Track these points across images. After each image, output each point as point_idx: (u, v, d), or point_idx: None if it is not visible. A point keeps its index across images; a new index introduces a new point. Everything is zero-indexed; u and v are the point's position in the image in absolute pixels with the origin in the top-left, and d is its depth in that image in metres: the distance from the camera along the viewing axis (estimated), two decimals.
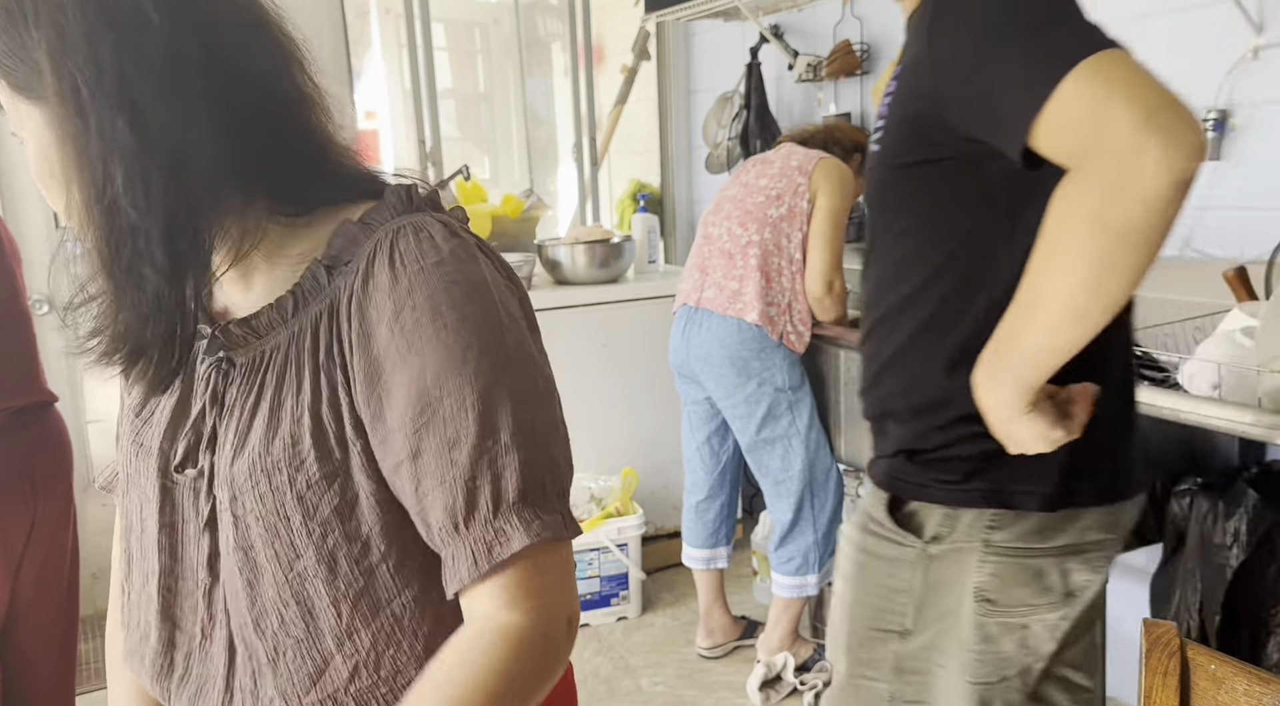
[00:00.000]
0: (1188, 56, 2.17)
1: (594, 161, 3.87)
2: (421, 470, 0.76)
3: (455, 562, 0.76)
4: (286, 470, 0.78)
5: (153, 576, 0.87)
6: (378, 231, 0.80)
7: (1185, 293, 2.15)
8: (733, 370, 2.47)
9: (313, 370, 0.79)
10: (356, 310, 0.77)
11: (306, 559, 0.79)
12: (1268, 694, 0.85)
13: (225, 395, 0.83)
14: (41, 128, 0.76)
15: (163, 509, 0.86)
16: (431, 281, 0.76)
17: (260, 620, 0.81)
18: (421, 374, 0.75)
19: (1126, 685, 2.45)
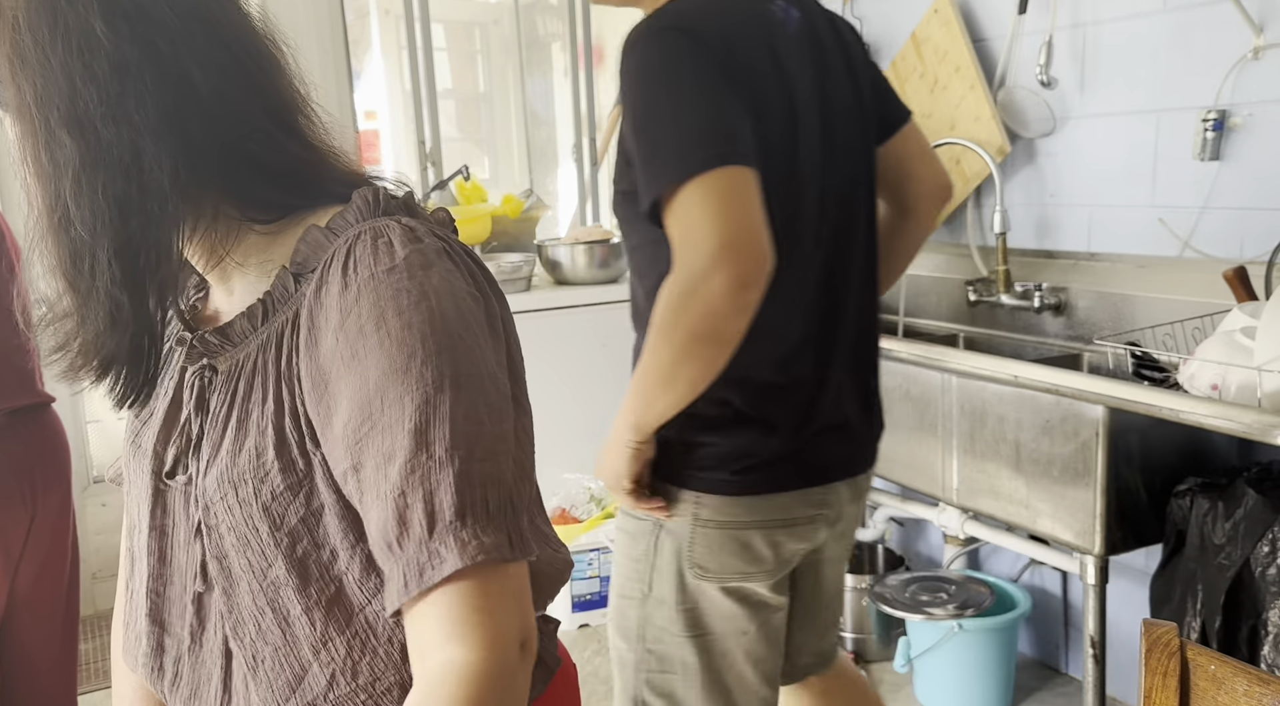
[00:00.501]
0: (1188, 56, 2.17)
1: (594, 161, 3.86)
2: (362, 483, 0.72)
3: (390, 582, 0.71)
4: (252, 481, 0.78)
5: (143, 579, 0.88)
6: (340, 237, 0.78)
7: (1185, 293, 2.15)
8: None
9: (275, 379, 0.78)
10: (308, 318, 0.76)
11: (278, 568, 0.79)
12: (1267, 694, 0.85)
13: (209, 402, 0.83)
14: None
15: (154, 512, 0.86)
16: (380, 289, 0.73)
17: (238, 628, 0.82)
18: (364, 383, 0.72)
19: (1126, 685, 2.45)
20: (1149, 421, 1.84)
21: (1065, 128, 2.46)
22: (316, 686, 0.80)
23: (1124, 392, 1.79)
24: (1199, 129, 2.13)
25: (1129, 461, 1.90)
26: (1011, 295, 2.50)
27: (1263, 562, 1.67)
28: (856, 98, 1.44)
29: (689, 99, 1.23)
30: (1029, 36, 2.49)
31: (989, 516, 2.18)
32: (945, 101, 2.69)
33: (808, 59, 1.36)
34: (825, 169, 1.38)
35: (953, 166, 2.71)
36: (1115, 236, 2.39)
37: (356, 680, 0.80)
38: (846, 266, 1.46)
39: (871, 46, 2.99)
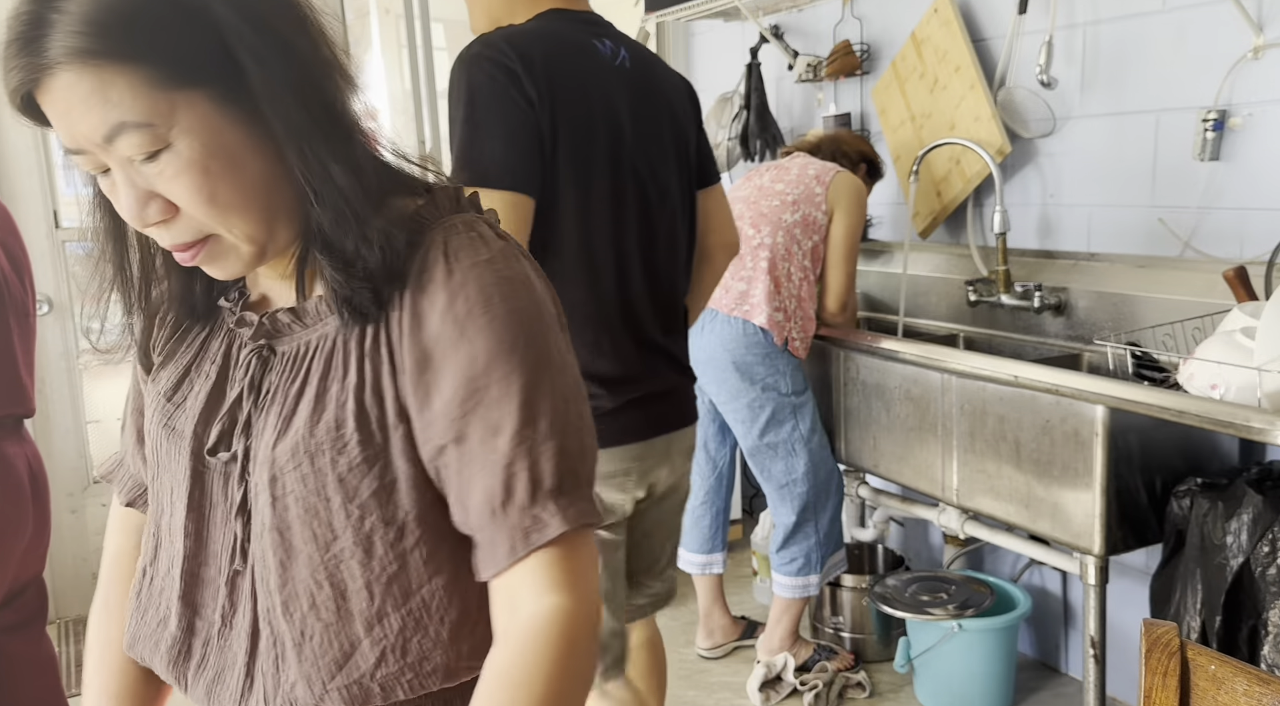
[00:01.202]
0: (1188, 56, 2.17)
1: None
2: (464, 455, 0.79)
3: (493, 547, 0.79)
4: (329, 452, 0.80)
5: (177, 561, 0.88)
6: (431, 227, 0.82)
7: (1185, 293, 2.15)
8: (736, 374, 2.47)
9: (358, 357, 0.81)
10: (409, 301, 0.79)
11: (344, 540, 0.81)
12: (1267, 694, 0.85)
13: (263, 382, 0.85)
14: (206, 113, 0.74)
15: (192, 493, 0.86)
16: (484, 276, 0.79)
17: (290, 602, 0.82)
18: (472, 361, 0.78)
19: (1127, 685, 2.45)
20: (1149, 421, 1.84)
21: (1065, 128, 2.46)
22: (364, 664, 0.81)
23: (1124, 392, 1.79)
24: (1199, 129, 2.13)
25: (1129, 461, 1.90)
26: (1011, 295, 2.50)
27: (1263, 562, 1.67)
28: (673, 135, 1.68)
29: (487, 127, 1.45)
30: (1029, 36, 2.49)
31: (989, 516, 2.18)
32: (945, 101, 2.69)
33: (623, 88, 1.60)
34: (628, 178, 1.60)
35: (953, 166, 2.71)
36: (1115, 236, 2.39)
37: (405, 658, 0.82)
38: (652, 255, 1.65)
39: (872, 47, 2.99)
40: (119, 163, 0.74)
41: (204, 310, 0.90)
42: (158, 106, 0.72)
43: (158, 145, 0.73)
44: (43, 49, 0.70)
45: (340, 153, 0.78)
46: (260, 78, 0.74)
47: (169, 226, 0.77)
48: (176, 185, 0.74)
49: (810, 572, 2.57)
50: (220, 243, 0.79)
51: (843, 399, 2.54)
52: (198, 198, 0.75)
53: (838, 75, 3.03)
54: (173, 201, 0.75)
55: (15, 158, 2.99)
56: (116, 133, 0.72)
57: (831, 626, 2.77)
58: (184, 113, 0.73)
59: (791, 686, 2.57)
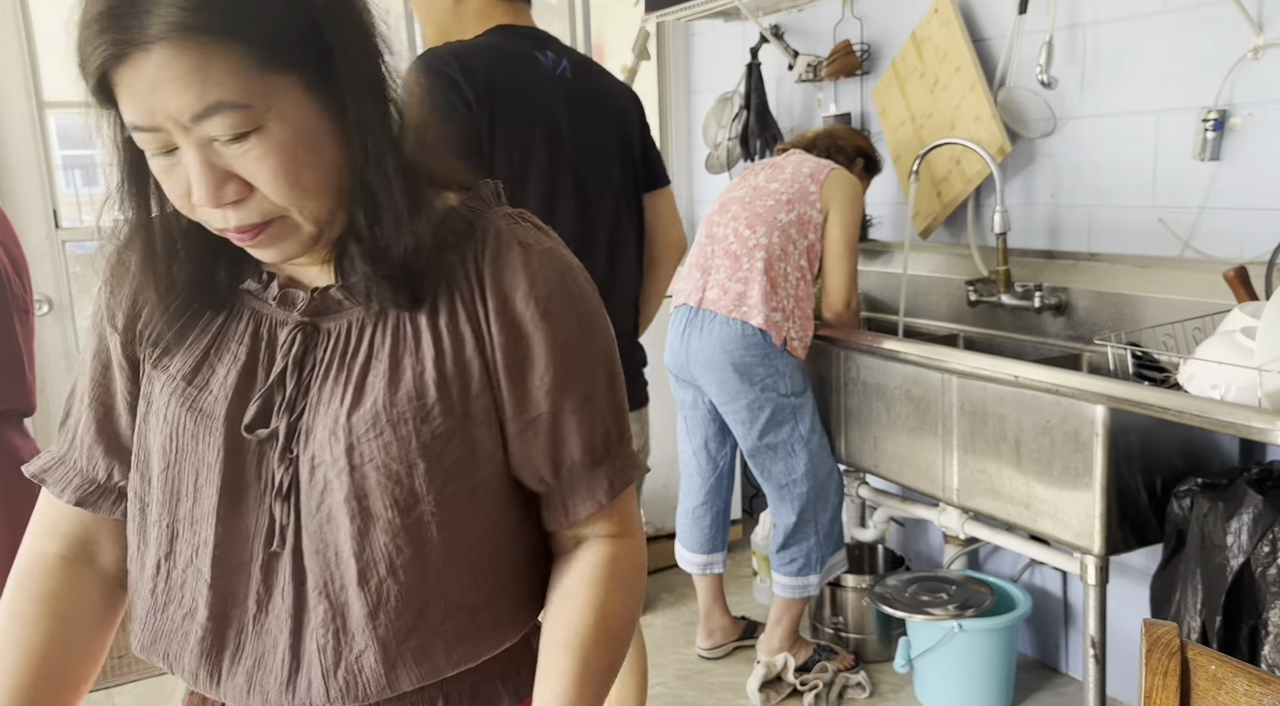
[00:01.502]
0: (1188, 56, 2.17)
1: None
2: (560, 419, 0.88)
3: (594, 490, 0.90)
4: (412, 421, 0.83)
5: (205, 549, 0.86)
6: (485, 217, 0.88)
7: (1185, 293, 2.15)
8: (736, 375, 2.47)
9: (432, 332, 0.84)
10: (491, 282, 0.85)
11: (426, 504, 0.84)
12: (1268, 694, 0.85)
13: (306, 359, 0.86)
14: (297, 99, 0.76)
15: (225, 474, 0.85)
16: (556, 261, 0.87)
17: (367, 570, 0.83)
18: (562, 338, 0.86)
19: (1127, 685, 2.45)
20: (1149, 421, 1.84)
21: (1065, 128, 2.46)
22: (434, 621, 0.86)
23: (1124, 392, 1.79)
24: (1199, 129, 2.13)
25: (1129, 461, 1.90)
26: (1012, 295, 2.50)
27: (1263, 562, 1.67)
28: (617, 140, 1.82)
29: None
30: (1029, 36, 2.49)
31: (989, 516, 2.18)
32: (945, 101, 2.69)
33: (564, 96, 1.75)
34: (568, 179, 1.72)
35: (953, 166, 2.71)
36: (1115, 236, 2.39)
37: (465, 613, 0.88)
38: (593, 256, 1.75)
39: (872, 47, 2.99)
40: (197, 142, 0.74)
41: (223, 295, 0.89)
42: (255, 88, 0.73)
43: (250, 126, 0.73)
44: (142, 23, 0.69)
45: (397, 149, 0.81)
46: (346, 67, 0.77)
47: (240, 207, 0.77)
48: (262, 166, 0.75)
49: (810, 573, 2.57)
50: (285, 224, 0.79)
51: (843, 399, 2.54)
52: (282, 180, 0.76)
53: (838, 75, 3.03)
54: (249, 182, 0.76)
55: (15, 157, 2.99)
56: (212, 112, 0.72)
57: (831, 626, 2.77)
58: (278, 95, 0.74)
59: (791, 686, 2.57)
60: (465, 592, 0.87)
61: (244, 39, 0.71)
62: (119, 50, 0.70)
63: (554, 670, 0.87)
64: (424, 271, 0.83)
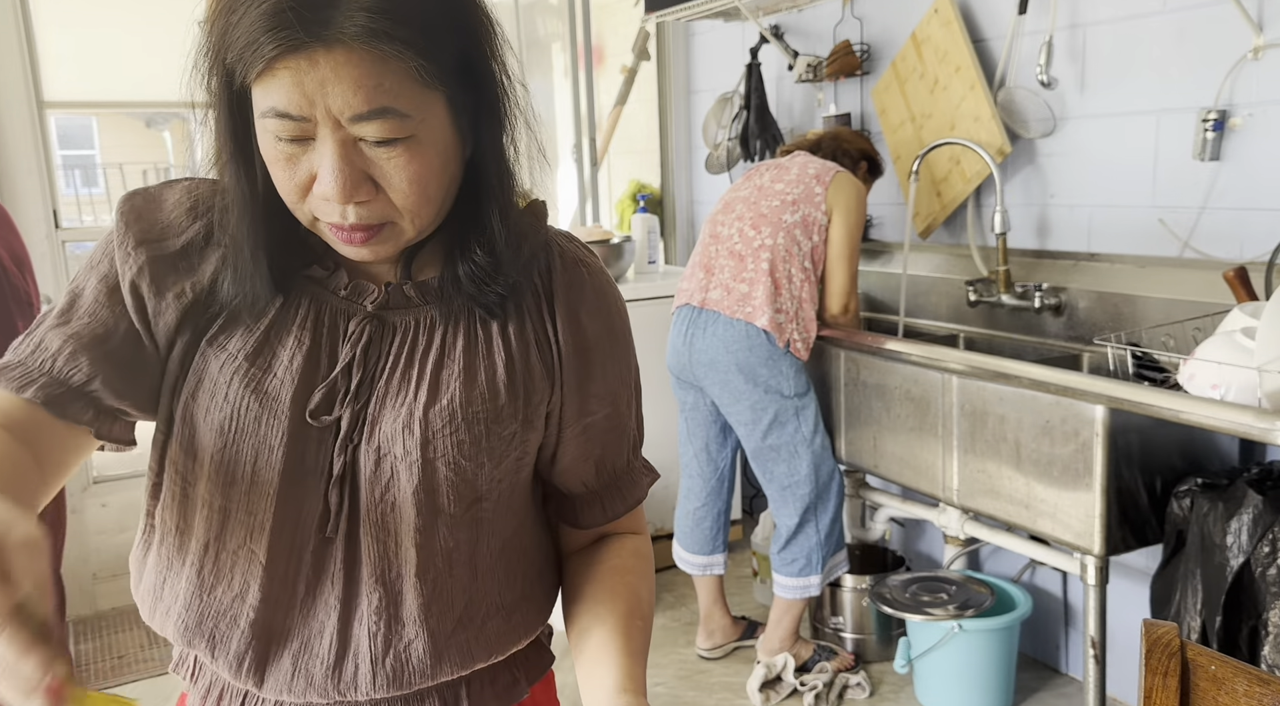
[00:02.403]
0: (1188, 56, 2.17)
1: (594, 162, 3.86)
2: (609, 424, 0.96)
3: (630, 489, 0.99)
4: (484, 420, 0.87)
5: (260, 532, 0.85)
6: (542, 232, 0.94)
7: (1185, 293, 2.15)
8: (740, 376, 2.47)
9: (502, 338, 0.90)
10: (562, 296, 0.92)
11: (487, 501, 0.89)
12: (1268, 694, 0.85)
13: (372, 351, 0.88)
14: (443, 116, 0.80)
15: (288, 458, 0.85)
16: (610, 281, 0.97)
17: (427, 562, 0.87)
18: (615, 350, 0.95)
19: (1127, 685, 2.45)
20: (1149, 421, 1.84)
21: (1065, 128, 2.46)
22: (479, 615, 0.90)
23: (1124, 393, 1.79)
24: (1199, 129, 2.13)
25: (1129, 461, 1.90)
26: (1012, 295, 2.50)
27: (1263, 563, 1.67)
28: None
29: None
30: (1029, 37, 2.49)
31: (989, 516, 2.18)
32: (945, 101, 2.69)
33: None
34: None
35: (953, 166, 2.71)
36: (1115, 236, 2.39)
37: (507, 609, 0.93)
38: None
39: (872, 47, 2.99)
40: (343, 139, 0.76)
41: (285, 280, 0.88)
42: (417, 99, 0.77)
43: (404, 133, 0.77)
44: (332, 21, 0.72)
45: (511, 168, 0.89)
46: (487, 92, 0.83)
47: (364, 207, 0.79)
48: (404, 173, 0.78)
49: (811, 573, 2.57)
50: (394, 229, 0.82)
51: (843, 399, 2.54)
52: (416, 187, 0.79)
53: (838, 75, 3.03)
54: (378, 185, 0.79)
55: (15, 158, 2.99)
56: (376, 115, 0.75)
57: (832, 626, 2.77)
58: (431, 109, 0.78)
59: (792, 686, 2.57)
60: (503, 591, 0.92)
61: (418, 52, 0.75)
62: (302, 42, 0.73)
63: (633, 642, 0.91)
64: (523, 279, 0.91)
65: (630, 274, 3.48)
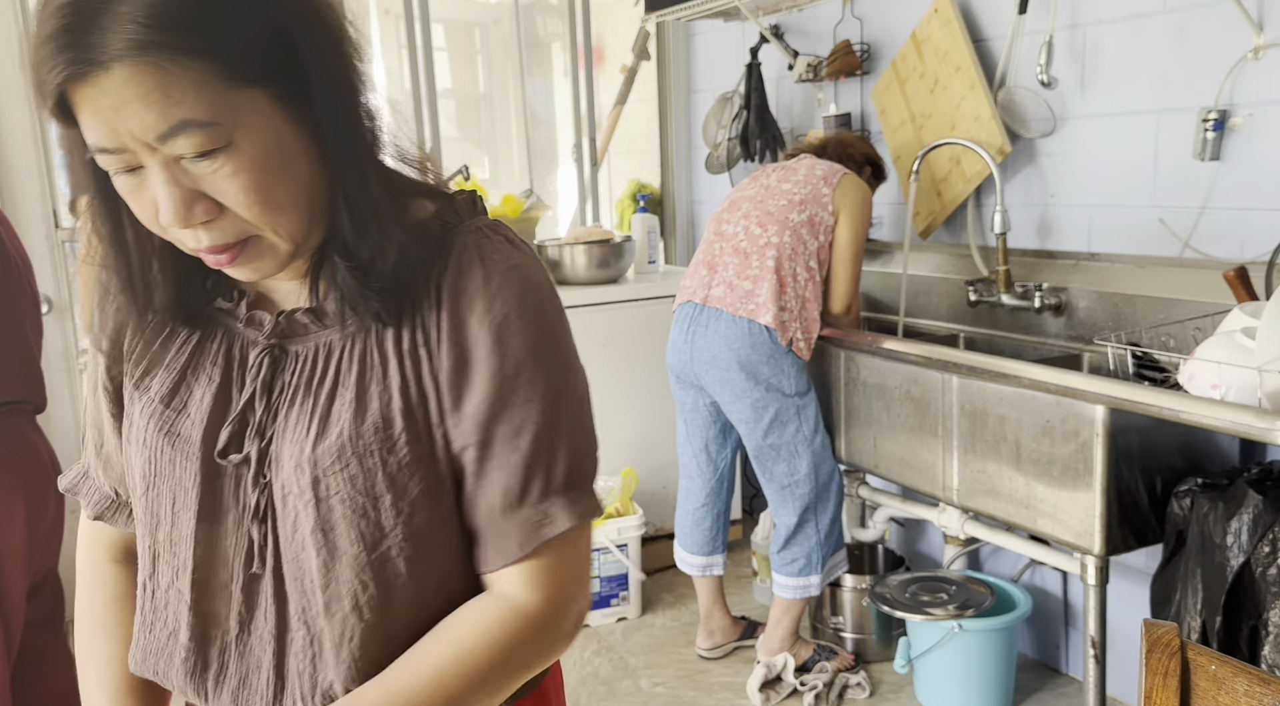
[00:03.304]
0: (1188, 56, 2.17)
1: (594, 161, 3.86)
2: (486, 453, 0.82)
3: (503, 540, 0.82)
4: (379, 452, 0.81)
5: (184, 571, 0.85)
6: (456, 231, 0.84)
7: (1185, 293, 2.15)
8: (741, 374, 2.46)
9: (398, 357, 0.82)
10: (448, 302, 0.81)
11: (393, 538, 0.82)
12: (1268, 695, 0.85)
13: (274, 383, 0.84)
14: (266, 113, 0.73)
15: (202, 499, 0.84)
16: (519, 281, 0.82)
17: (332, 603, 0.82)
18: (503, 366, 0.81)
19: (1127, 685, 2.45)
20: (1149, 421, 1.84)
21: (1065, 128, 2.46)
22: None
23: (1124, 392, 1.79)
24: (1199, 129, 2.13)
25: (1129, 461, 1.90)
26: (1012, 295, 2.50)
27: (1263, 563, 1.67)
28: None
29: None
30: (1029, 36, 2.49)
31: (989, 516, 2.18)
32: (945, 101, 2.69)
33: None
34: None
35: (953, 166, 2.71)
36: (1115, 236, 2.39)
37: None
38: None
39: (872, 47, 2.99)
40: (163, 162, 0.72)
41: (199, 313, 0.88)
42: (221, 104, 0.70)
43: (218, 143, 0.71)
44: (99, 42, 0.67)
45: (374, 159, 0.80)
46: (319, 78, 0.74)
47: (211, 227, 0.75)
48: (233, 184, 0.72)
49: (811, 573, 2.57)
50: (260, 243, 0.77)
51: (843, 399, 2.54)
52: (253, 196, 0.73)
53: (838, 75, 3.03)
54: (219, 201, 0.73)
55: (15, 158, 2.98)
56: (177, 131, 0.69)
57: (832, 626, 2.77)
58: (246, 112, 0.71)
59: (792, 686, 2.56)
60: None
61: (208, 55, 0.68)
62: (78, 69, 0.68)
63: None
64: (408, 283, 0.81)
65: (630, 274, 3.48)
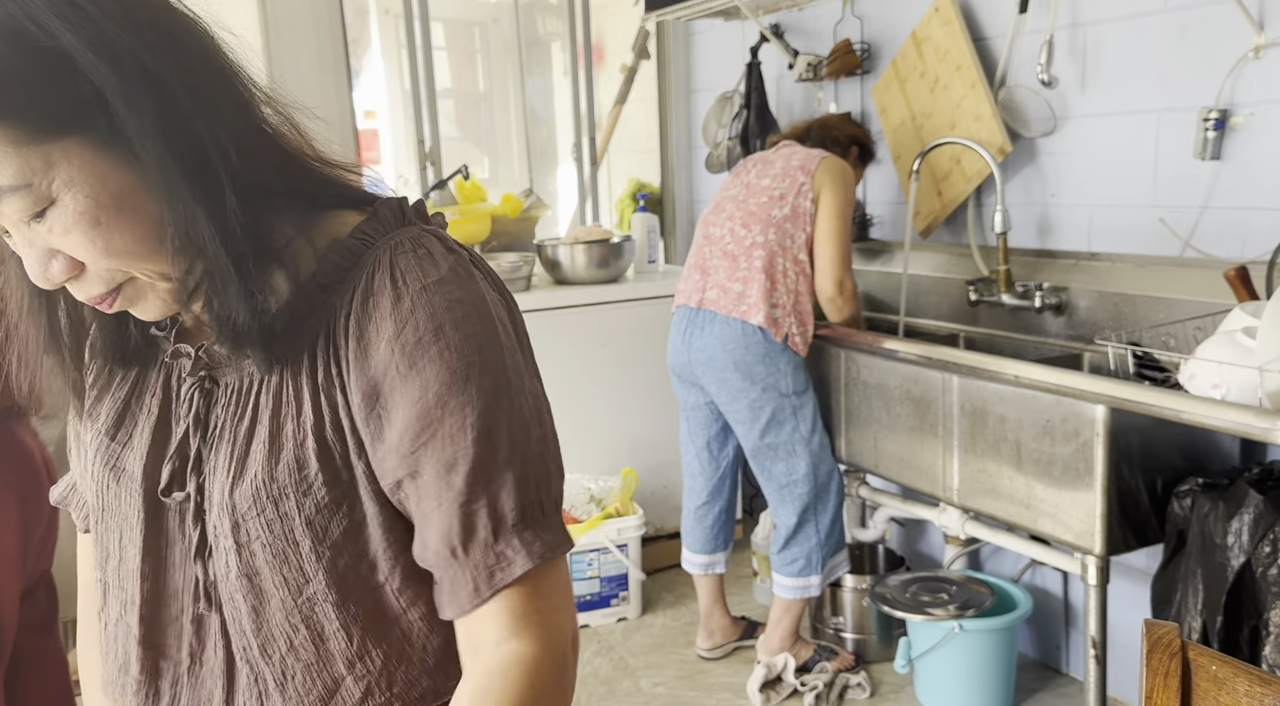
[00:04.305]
0: (1188, 56, 2.17)
1: (594, 161, 3.86)
2: (421, 491, 0.75)
3: (455, 587, 0.75)
4: (294, 495, 0.76)
5: (132, 606, 0.84)
6: (375, 247, 0.78)
7: (1186, 292, 2.14)
8: (737, 374, 2.46)
9: (312, 391, 0.77)
10: (355, 328, 0.75)
11: (316, 583, 0.78)
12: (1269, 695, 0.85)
13: (209, 417, 0.81)
14: (85, 158, 0.68)
15: (147, 535, 0.83)
16: (434, 300, 0.74)
17: (267, 645, 0.80)
18: (424, 393, 0.74)
19: (1128, 685, 2.44)
20: (1150, 421, 1.84)
21: (1066, 127, 2.46)
22: (350, 699, 0.80)
23: (1125, 392, 1.79)
24: (1200, 128, 2.12)
25: (1130, 461, 1.90)
26: (1012, 295, 2.50)
27: (1264, 563, 1.67)
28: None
29: None
30: (1029, 36, 2.49)
31: (990, 516, 2.17)
32: (946, 101, 2.68)
33: None
34: None
35: (953, 166, 2.71)
36: (1116, 236, 2.39)
37: (392, 689, 0.81)
38: None
39: (872, 46, 2.98)
40: (12, 225, 0.70)
41: (138, 343, 0.86)
42: (31, 163, 0.66)
43: (41, 204, 0.68)
44: None
45: (209, 199, 0.70)
46: (126, 119, 0.67)
47: (80, 282, 0.73)
48: (69, 240, 0.69)
49: (811, 573, 2.56)
50: (136, 285, 0.74)
51: (843, 398, 2.54)
52: (94, 250, 0.70)
53: (838, 74, 3.03)
54: (73, 256, 0.71)
55: None
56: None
57: (832, 627, 2.77)
58: (61, 165, 0.67)
59: (792, 687, 2.56)
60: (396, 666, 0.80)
61: (2, 116, 0.64)
62: None
63: None
64: (274, 333, 0.74)
65: (630, 273, 3.48)
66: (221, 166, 0.71)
